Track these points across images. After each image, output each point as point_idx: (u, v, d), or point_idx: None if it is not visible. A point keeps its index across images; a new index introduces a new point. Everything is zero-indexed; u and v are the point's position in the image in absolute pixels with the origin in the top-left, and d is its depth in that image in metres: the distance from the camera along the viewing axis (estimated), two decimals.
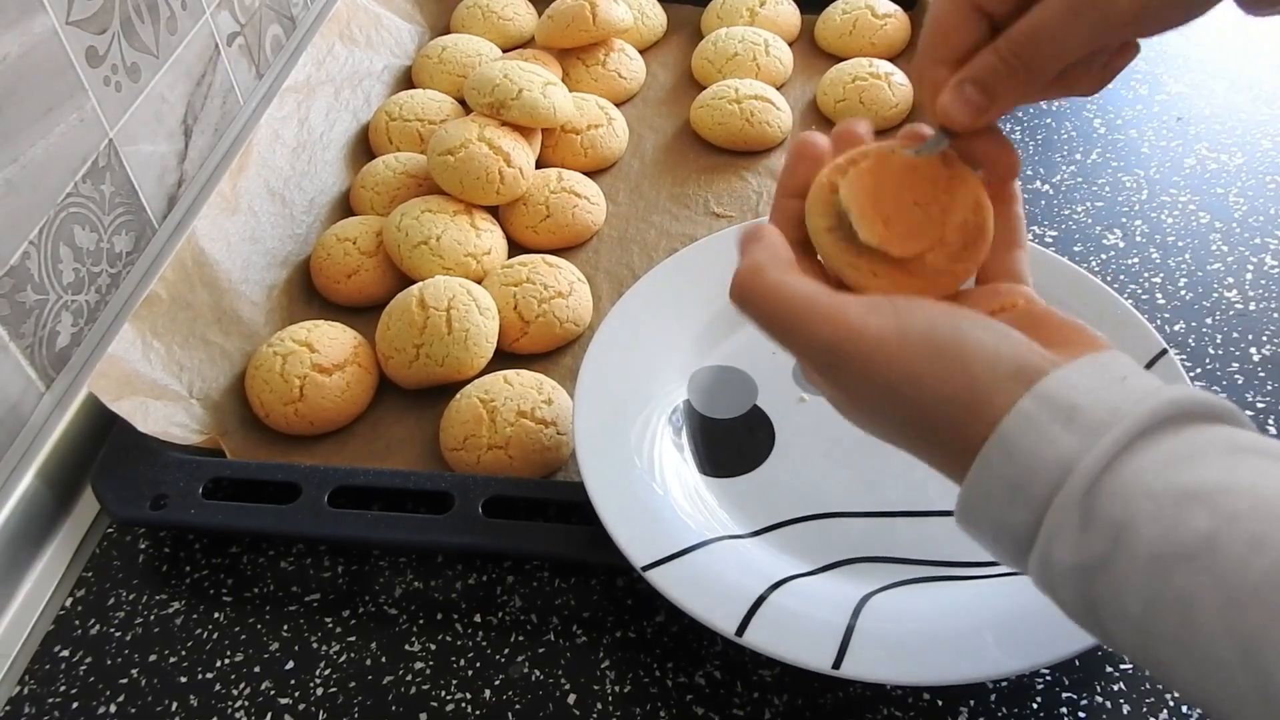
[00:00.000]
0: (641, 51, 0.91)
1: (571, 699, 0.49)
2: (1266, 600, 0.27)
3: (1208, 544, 0.28)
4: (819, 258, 0.39)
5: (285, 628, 0.52)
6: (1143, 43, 0.38)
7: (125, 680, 0.50)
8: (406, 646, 0.51)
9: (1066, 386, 0.32)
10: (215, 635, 0.52)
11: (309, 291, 0.70)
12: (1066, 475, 0.31)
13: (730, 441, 0.57)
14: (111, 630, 0.52)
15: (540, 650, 0.51)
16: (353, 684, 0.50)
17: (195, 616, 0.53)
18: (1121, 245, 0.71)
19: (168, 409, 0.58)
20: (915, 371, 0.34)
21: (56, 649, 0.52)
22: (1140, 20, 0.35)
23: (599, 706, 0.49)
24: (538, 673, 0.50)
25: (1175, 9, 0.35)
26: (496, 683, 0.50)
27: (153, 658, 0.51)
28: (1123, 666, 0.49)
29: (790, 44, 0.90)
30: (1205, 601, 0.28)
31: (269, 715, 0.49)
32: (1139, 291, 0.67)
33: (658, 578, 0.47)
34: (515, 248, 0.73)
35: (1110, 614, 0.31)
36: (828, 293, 0.36)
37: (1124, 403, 0.31)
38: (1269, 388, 0.61)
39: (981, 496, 0.33)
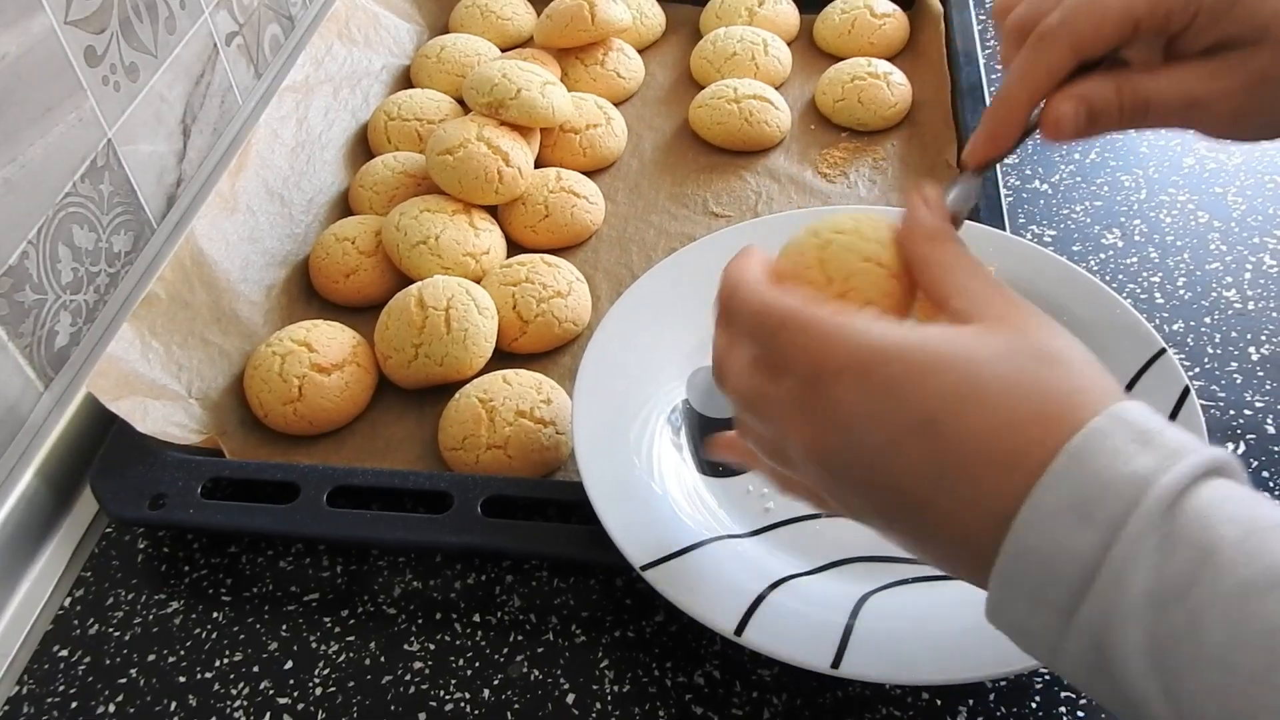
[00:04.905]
0: (640, 51, 0.91)
1: (570, 699, 0.49)
2: None
3: None
4: None
5: (284, 627, 0.52)
6: None
7: (124, 680, 0.50)
8: (405, 646, 0.51)
9: (1143, 415, 0.31)
10: (214, 635, 0.52)
11: (308, 291, 0.70)
12: (1144, 492, 0.29)
13: None
14: (110, 630, 0.52)
15: (539, 650, 0.51)
16: (352, 683, 0.50)
17: (194, 616, 0.53)
18: (1120, 245, 0.71)
19: (166, 409, 0.58)
20: (1002, 369, 0.32)
21: (55, 649, 0.52)
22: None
23: (598, 706, 0.49)
24: (537, 672, 0.50)
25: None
26: (495, 682, 0.50)
27: (151, 657, 0.51)
28: None
29: (789, 43, 0.90)
30: None
31: (268, 715, 0.49)
32: (1138, 291, 0.67)
33: (657, 577, 0.47)
34: (514, 247, 0.73)
35: (1186, 651, 0.29)
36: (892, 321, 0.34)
37: (1193, 439, 0.31)
38: (1268, 387, 0.61)
39: (1047, 514, 0.31)
